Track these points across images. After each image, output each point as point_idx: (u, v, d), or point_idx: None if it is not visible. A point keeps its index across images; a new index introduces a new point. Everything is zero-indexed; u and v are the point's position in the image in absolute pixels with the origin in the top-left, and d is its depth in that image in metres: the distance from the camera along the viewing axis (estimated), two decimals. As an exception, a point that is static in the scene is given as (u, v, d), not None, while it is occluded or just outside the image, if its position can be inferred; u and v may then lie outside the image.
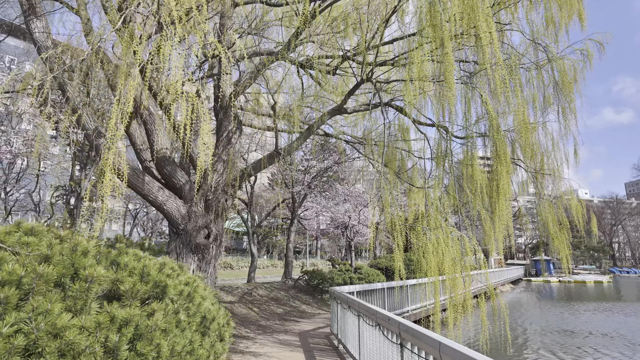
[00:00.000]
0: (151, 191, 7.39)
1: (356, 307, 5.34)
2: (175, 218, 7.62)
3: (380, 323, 4.06)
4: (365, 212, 18.36)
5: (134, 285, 2.28)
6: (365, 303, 5.04)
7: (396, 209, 7.40)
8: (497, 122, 5.70)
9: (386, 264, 19.51)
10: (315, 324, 9.60)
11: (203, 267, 7.70)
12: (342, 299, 6.44)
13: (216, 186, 8.16)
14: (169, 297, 2.63)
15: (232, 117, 8.84)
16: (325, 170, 14.13)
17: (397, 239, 6.45)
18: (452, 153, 8.70)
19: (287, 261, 14.95)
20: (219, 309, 3.80)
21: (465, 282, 7.39)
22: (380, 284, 10.15)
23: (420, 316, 12.62)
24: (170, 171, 8.20)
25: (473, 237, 7.31)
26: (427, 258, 6.40)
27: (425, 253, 6.36)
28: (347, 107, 8.58)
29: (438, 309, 6.47)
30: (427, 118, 8.69)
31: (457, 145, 12.55)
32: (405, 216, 18.08)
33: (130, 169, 7.27)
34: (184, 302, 2.79)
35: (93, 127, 7.01)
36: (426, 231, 6.70)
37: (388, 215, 6.85)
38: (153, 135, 8.26)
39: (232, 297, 10.59)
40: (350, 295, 6.01)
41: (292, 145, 8.28)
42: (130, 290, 2.23)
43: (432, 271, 6.36)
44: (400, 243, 6.49)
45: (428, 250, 6.46)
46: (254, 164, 8.35)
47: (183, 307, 2.66)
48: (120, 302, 2.27)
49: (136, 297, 2.26)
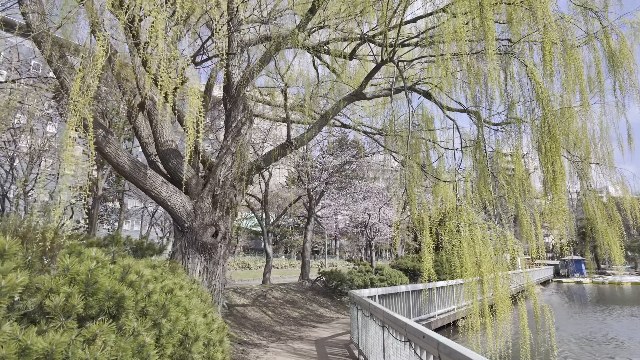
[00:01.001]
0: (154, 186, 6.81)
1: (380, 316, 4.55)
2: (180, 215, 7.03)
3: (412, 339, 3.27)
4: (386, 210, 17.46)
5: (69, 298, 1.60)
6: (390, 312, 4.24)
7: (424, 204, 6.55)
8: (547, 92, 4.78)
9: (409, 264, 18.56)
10: (334, 330, 8.84)
11: (210, 268, 7.08)
12: (363, 305, 5.66)
13: (224, 180, 7.53)
14: (130, 313, 1.93)
15: (242, 106, 8.21)
16: (343, 165, 13.36)
17: (426, 237, 5.61)
18: (485, 141, 7.79)
19: (304, 261, 14.25)
20: (213, 322, 3.10)
21: (504, 284, 6.47)
22: (404, 286, 9.30)
23: (448, 321, 11.69)
24: (175, 165, 7.62)
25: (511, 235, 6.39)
26: (461, 257, 5.54)
27: (460, 252, 5.50)
28: (366, 93, 7.79)
29: (477, 314, 5.59)
30: (457, 102, 7.79)
31: (489, 134, 11.55)
32: (429, 214, 17.04)
33: (131, 161, 6.72)
34: (155, 317, 2.09)
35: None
36: (460, 228, 5.84)
37: (415, 210, 6.02)
38: (157, 127, 7.71)
39: (245, 300, 9.96)
40: (372, 302, 5.22)
41: (305, 135, 7.55)
42: (61, 306, 1.56)
43: (468, 272, 5.50)
44: (429, 242, 5.66)
45: (463, 249, 5.60)
46: (264, 156, 7.68)
47: (149, 326, 1.97)
48: (51, 322, 1.60)
49: (70, 314, 1.59)
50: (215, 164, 7.72)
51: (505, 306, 6.32)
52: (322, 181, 13.40)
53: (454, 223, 5.79)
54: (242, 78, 7.85)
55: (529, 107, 7.41)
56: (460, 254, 5.62)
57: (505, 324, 6.41)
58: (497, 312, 6.32)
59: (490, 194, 7.30)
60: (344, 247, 50.89)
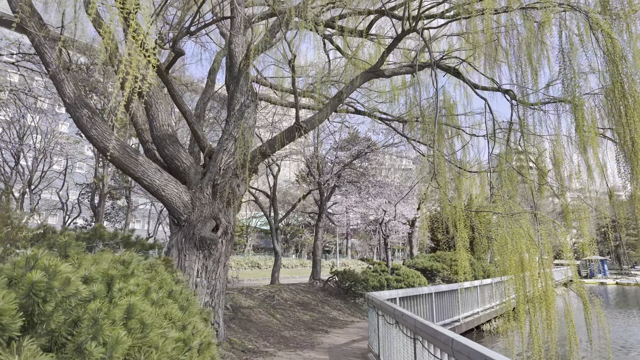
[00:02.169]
0: (146, 173, 6.05)
1: (410, 326, 3.66)
2: (175, 206, 6.26)
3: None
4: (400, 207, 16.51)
5: None
6: (425, 321, 3.37)
7: (460, 196, 5.63)
8: (619, 46, 3.84)
9: (425, 264, 17.57)
10: (349, 336, 7.97)
11: (210, 267, 6.29)
12: (386, 311, 4.78)
13: (226, 168, 6.74)
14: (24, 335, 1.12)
15: (246, 87, 7.41)
16: (357, 157, 12.47)
17: (461, 230, 4.70)
18: (523, 123, 6.84)
19: (315, 260, 13.42)
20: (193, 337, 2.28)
21: (548, 285, 5.52)
22: (427, 288, 8.39)
23: (472, 326, 10.71)
24: (172, 152, 6.86)
25: (561, 227, 5.43)
26: (502, 253, 4.61)
27: (502, 247, 4.58)
28: (385, 70, 6.90)
29: (522, 317, 4.68)
30: (490, 79, 6.84)
31: (525, 115, 10.37)
32: (461, 204, 15.93)
33: (120, 146, 5.97)
34: (79, 339, 1.27)
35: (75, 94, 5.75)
36: (500, 219, 4.91)
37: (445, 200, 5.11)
38: (152, 109, 6.95)
39: (251, 302, 9.16)
40: (399, 307, 4.35)
41: (316, 117, 6.70)
42: None
43: (512, 269, 4.58)
44: (464, 235, 4.74)
45: (504, 244, 4.67)
46: (270, 141, 6.86)
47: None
48: None
49: None
50: (215, 150, 6.94)
51: (552, 311, 5.37)
52: (335, 174, 12.52)
53: (495, 214, 4.87)
54: (246, 55, 7.04)
55: (569, 85, 6.48)
56: (502, 249, 4.69)
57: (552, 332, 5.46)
58: (538, 315, 5.38)
59: (531, 185, 6.35)
60: (355, 247, 49.95)
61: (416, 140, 9.13)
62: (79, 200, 24.07)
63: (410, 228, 18.33)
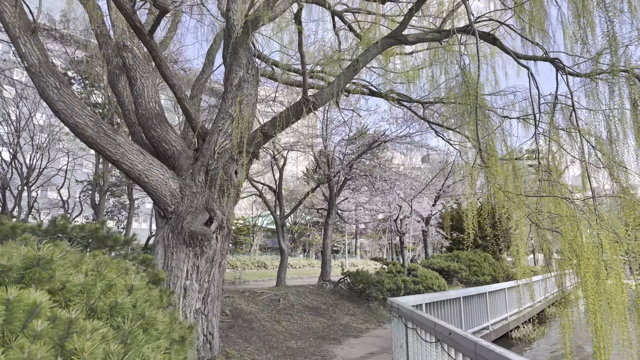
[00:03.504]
0: (125, 156, 5.07)
1: (468, 351, 2.61)
2: (161, 195, 5.28)
3: None
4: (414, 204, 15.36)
5: None
6: (492, 346, 2.30)
7: (518, 179, 4.58)
8: None
9: (442, 264, 16.43)
10: (365, 347, 6.93)
11: (202, 267, 5.29)
12: (421, 324, 3.73)
13: (221, 152, 5.75)
14: None
15: (245, 59, 6.41)
16: (370, 147, 11.40)
17: (521, 219, 3.61)
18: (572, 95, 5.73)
19: (325, 260, 12.37)
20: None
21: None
22: (455, 292, 7.31)
23: (502, 333, 9.60)
24: (159, 134, 5.88)
25: None
26: (579, 251, 3.53)
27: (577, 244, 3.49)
28: (408, 35, 5.84)
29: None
30: (535, 43, 5.75)
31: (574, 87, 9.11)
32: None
33: (94, 123, 5.00)
34: None
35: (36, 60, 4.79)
36: (567, 209, 3.82)
37: (494, 182, 4.04)
38: (137, 84, 5.98)
39: (254, 306, 8.16)
40: (441, 322, 3.29)
41: (326, 91, 5.67)
42: None
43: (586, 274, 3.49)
44: (522, 230, 3.66)
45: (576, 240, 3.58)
46: (273, 120, 5.85)
47: None
48: None
49: None
50: (210, 131, 5.96)
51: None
52: (346, 165, 11.46)
53: (566, 200, 3.78)
54: (246, 22, 6.03)
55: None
56: (577, 247, 3.60)
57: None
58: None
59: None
60: (364, 247, 48.84)
61: (441, 125, 8.03)
62: (81, 198, 23.37)
63: (426, 226, 17.18)
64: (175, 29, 9.17)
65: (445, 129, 8.04)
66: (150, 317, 2.12)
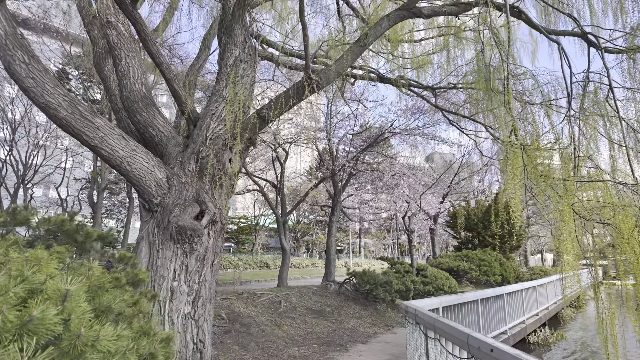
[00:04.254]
0: (105, 141, 4.48)
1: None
2: (145, 185, 4.69)
3: None
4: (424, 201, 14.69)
5: None
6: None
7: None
8: None
9: (451, 263, 15.77)
10: (375, 355, 6.31)
11: (192, 266, 4.69)
12: (447, 334, 3.11)
13: (214, 138, 5.15)
14: None
15: (242, 37, 5.82)
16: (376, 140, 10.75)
17: (567, 210, 2.97)
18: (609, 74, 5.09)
19: (329, 259, 11.76)
20: None
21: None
22: (472, 294, 6.68)
23: (519, 337, 8.96)
24: (146, 118, 5.29)
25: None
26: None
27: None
28: (423, 8, 5.21)
29: None
30: (567, 15, 5.10)
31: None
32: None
33: (68, 103, 4.41)
34: None
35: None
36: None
37: (535, 174, 3.41)
38: (122, 64, 5.39)
39: (253, 309, 7.57)
40: (477, 335, 2.65)
41: (332, 68, 5.06)
42: None
43: None
44: (571, 225, 3.02)
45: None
46: (271, 102, 5.24)
47: None
48: None
49: None
50: (202, 115, 5.38)
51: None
52: (352, 159, 10.81)
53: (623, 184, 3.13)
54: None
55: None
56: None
57: None
58: None
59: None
60: (368, 246, 48.17)
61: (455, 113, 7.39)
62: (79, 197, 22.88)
63: (434, 224, 16.51)
64: (171, 15, 8.59)
65: (461, 117, 7.40)
66: (89, 337, 1.51)
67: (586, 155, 4.14)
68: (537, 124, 4.24)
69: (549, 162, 4.36)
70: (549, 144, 6.70)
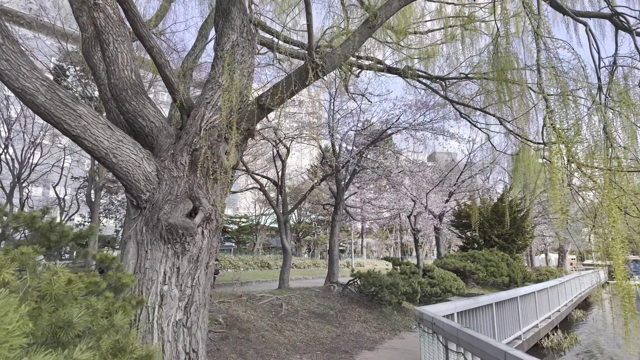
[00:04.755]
0: (88, 130, 4.06)
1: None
2: (133, 180, 4.27)
3: None
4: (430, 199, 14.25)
5: None
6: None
7: None
8: None
9: (457, 264, 15.32)
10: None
11: (184, 268, 4.27)
12: (475, 348, 2.68)
13: (209, 128, 4.74)
14: None
15: (239, 21, 5.40)
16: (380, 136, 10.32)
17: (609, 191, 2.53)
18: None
19: (332, 259, 11.33)
20: None
21: None
22: (487, 297, 6.25)
23: (533, 342, 8.53)
24: (135, 107, 4.87)
25: None
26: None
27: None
28: (435, -14, 4.77)
29: None
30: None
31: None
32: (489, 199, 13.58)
33: (47, 88, 3.99)
34: None
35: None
36: None
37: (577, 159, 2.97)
38: (110, 49, 4.97)
39: (252, 312, 7.15)
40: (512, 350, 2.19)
41: (338, 52, 4.63)
42: None
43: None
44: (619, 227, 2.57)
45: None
46: (272, 89, 4.82)
47: None
48: None
49: None
50: (196, 104, 4.96)
51: None
52: (356, 154, 10.39)
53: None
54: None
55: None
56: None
57: None
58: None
59: None
60: (371, 246, 47.74)
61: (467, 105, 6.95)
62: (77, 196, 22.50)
63: (439, 223, 16.05)
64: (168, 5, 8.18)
65: (473, 109, 6.96)
66: None
67: (623, 146, 3.71)
68: (577, 110, 3.78)
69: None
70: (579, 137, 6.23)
